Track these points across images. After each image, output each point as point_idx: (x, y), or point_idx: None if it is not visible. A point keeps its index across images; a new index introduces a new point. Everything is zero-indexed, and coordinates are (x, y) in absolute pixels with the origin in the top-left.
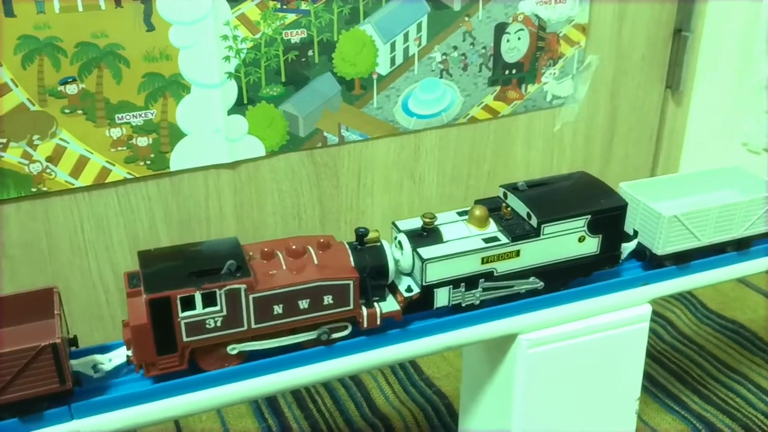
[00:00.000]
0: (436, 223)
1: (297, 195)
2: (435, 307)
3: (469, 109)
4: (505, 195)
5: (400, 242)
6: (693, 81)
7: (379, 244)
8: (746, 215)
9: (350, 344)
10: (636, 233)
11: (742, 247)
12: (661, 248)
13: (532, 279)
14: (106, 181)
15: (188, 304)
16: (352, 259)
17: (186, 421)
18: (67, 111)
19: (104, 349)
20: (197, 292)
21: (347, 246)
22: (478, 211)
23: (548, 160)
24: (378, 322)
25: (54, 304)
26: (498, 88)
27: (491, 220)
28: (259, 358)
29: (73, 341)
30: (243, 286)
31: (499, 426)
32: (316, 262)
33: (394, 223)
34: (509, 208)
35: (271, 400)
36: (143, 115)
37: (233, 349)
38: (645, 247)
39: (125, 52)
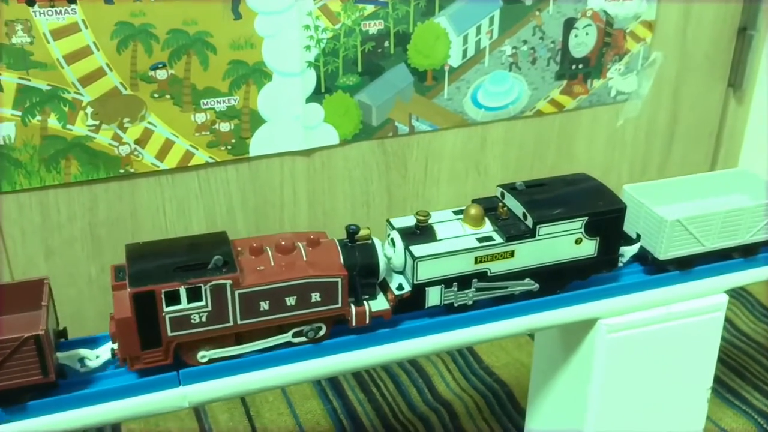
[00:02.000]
0: (430, 221)
1: (367, 183)
2: (426, 307)
3: (536, 103)
4: (503, 195)
5: (392, 240)
6: (755, 80)
7: (370, 241)
8: (753, 221)
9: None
10: (639, 237)
11: (749, 253)
12: (663, 253)
13: (527, 280)
14: (189, 165)
15: (173, 298)
16: (341, 256)
17: (253, 399)
18: (156, 96)
19: (91, 342)
20: (182, 286)
21: (337, 243)
22: (474, 210)
23: (609, 155)
24: (367, 321)
25: (43, 295)
26: (564, 82)
27: (487, 220)
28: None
29: (62, 333)
30: (229, 282)
31: (573, 412)
32: (305, 258)
33: (388, 221)
34: (506, 208)
35: (335, 383)
36: (227, 101)
37: (203, 357)
38: (647, 252)
39: (213, 40)
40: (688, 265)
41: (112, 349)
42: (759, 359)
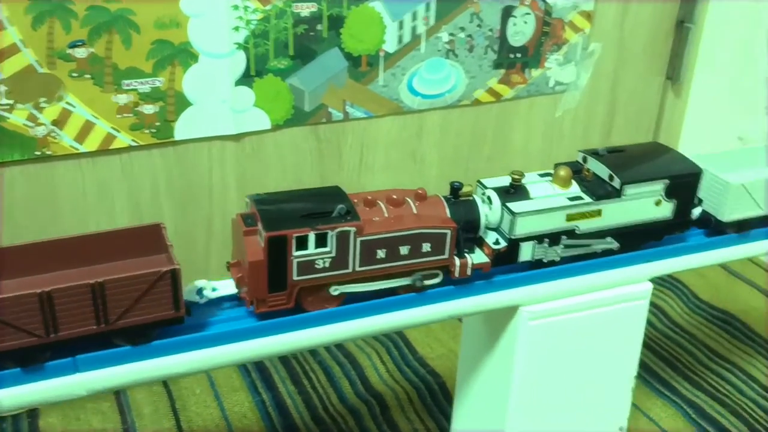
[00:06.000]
0: (522, 181)
1: (299, 170)
2: (519, 261)
3: (473, 91)
4: (585, 159)
5: (489, 197)
6: (693, 73)
7: (471, 198)
8: None
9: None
10: (700, 201)
11: None
12: (727, 215)
13: (608, 239)
14: (111, 148)
15: (302, 243)
16: (447, 210)
17: (179, 393)
18: (74, 75)
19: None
20: (311, 232)
21: (443, 199)
22: (563, 171)
23: (547, 146)
24: (469, 272)
25: (164, 237)
26: (502, 71)
27: (574, 182)
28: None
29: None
30: (353, 229)
31: (496, 400)
32: (415, 211)
33: (479, 181)
34: (590, 171)
35: (265, 375)
36: (151, 82)
37: (335, 290)
38: (710, 215)
39: (136, 18)
40: (745, 228)
41: (238, 293)
42: (690, 350)
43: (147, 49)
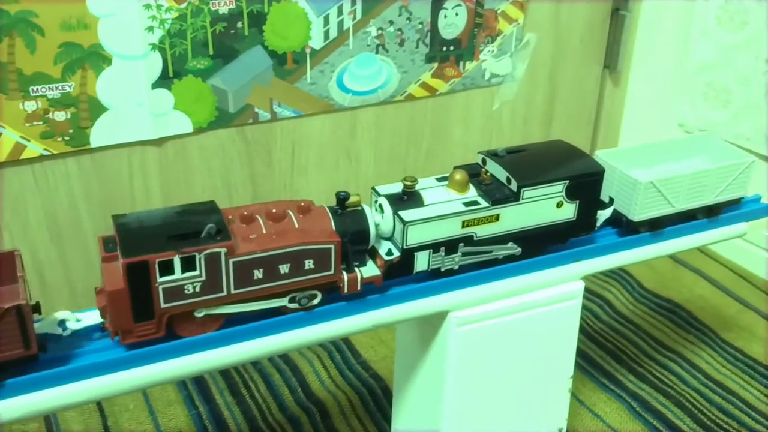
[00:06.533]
0: (416, 187)
1: (228, 173)
2: (415, 272)
3: (407, 87)
4: (484, 161)
5: (380, 206)
6: (631, 61)
7: (360, 208)
8: (718, 182)
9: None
10: (612, 201)
11: (712, 213)
12: (637, 214)
13: (510, 244)
14: (21, 158)
15: (167, 268)
16: (333, 223)
17: (111, 409)
18: None
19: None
20: (176, 255)
21: (328, 210)
22: (459, 176)
23: (486, 139)
24: (359, 287)
25: (16, 266)
26: (435, 65)
27: (471, 185)
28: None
29: (36, 308)
30: (223, 250)
31: (432, 405)
32: (296, 226)
33: (373, 188)
34: (489, 174)
35: (202, 387)
36: (60, 87)
37: (200, 312)
38: (621, 214)
39: (39, 20)
40: (658, 226)
41: (102, 323)
42: (636, 341)
43: (54, 52)
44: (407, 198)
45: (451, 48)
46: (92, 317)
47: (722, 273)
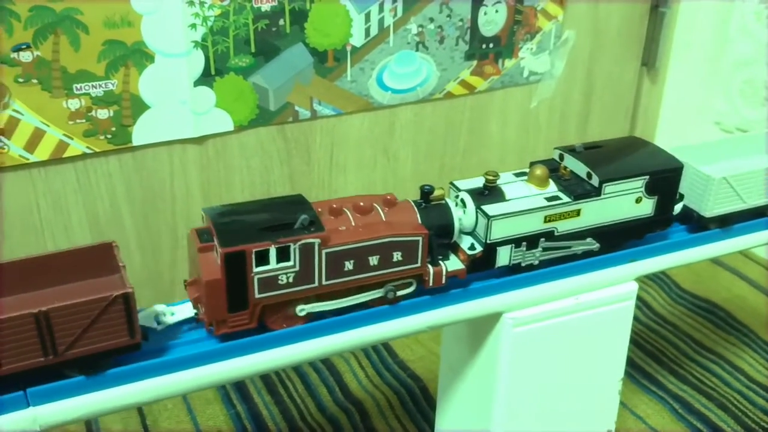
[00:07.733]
0: (498, 181)
1: (267, 172)
2: (496, 266)
3: (446, 84)
4: (561, 156)
5: (462, 200)
6: (668, 58)
7: (443, 202)
8: None
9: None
10: (682, 196)
11: None
12: (709, 210)
13: (589, 240)
14: (64, 156)
15: (262, 258)
16: (419, 216)
17: (150, 408)
18: (20, 80)
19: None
20: (272, 246)
21: (413, 204)
22: (539, 171)
23: (524, 137)
24: (443, 281)
25: (116, 257)
26: (475, 62)
27: (551, 180)
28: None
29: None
30: (317, 241)
31: (481, 405)
32: (384, 218)
33: (452, 183)
34: (567, 169)
35: (240, 386)
36: (103, 85)
37: (302, 311)
38: (692, 210)
39: (83, 18)
40: (728, 223)
41: (196, 313)
42: (675, 342)
43: (98, 50)
44: (488, 193)
45: (491, 45)
46: (185, 311)
47: (759, 272)
